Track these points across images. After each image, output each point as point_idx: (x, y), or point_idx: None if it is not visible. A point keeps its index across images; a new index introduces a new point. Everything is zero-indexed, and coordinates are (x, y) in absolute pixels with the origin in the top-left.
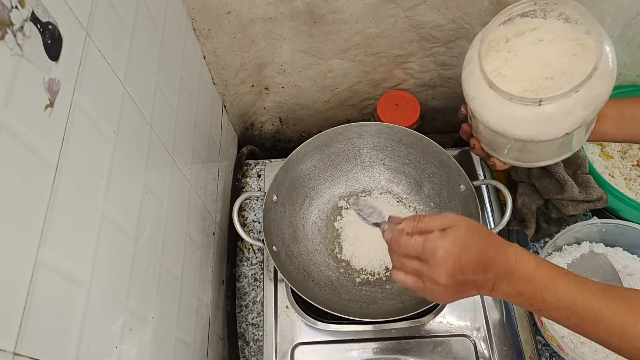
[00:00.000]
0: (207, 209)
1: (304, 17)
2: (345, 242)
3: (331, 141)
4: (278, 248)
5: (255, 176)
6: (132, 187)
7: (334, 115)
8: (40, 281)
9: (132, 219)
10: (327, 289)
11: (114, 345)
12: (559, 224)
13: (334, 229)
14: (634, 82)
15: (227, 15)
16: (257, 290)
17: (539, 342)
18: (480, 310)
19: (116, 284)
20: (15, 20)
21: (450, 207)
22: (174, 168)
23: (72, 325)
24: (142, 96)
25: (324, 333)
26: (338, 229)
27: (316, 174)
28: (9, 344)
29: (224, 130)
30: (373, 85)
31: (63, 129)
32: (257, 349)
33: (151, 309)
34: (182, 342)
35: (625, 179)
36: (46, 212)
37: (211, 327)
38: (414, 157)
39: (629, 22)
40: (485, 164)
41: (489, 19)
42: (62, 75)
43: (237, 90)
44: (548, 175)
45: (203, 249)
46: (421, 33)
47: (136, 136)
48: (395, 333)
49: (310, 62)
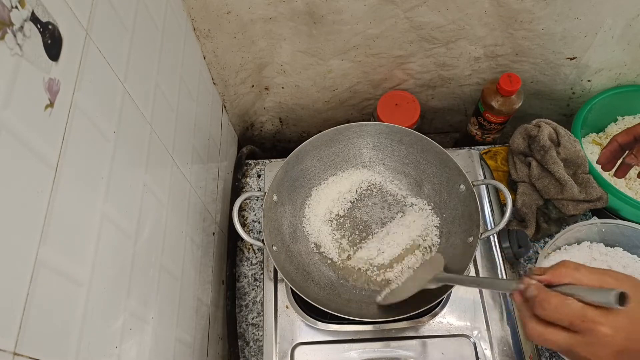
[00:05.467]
0: (207, 209)
1: (304, 18)
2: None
3: (331, 141)
4: (278, 248)
5: (255, 176)
6: (132, 187)
7: (334, 116)
8: (40, 281)
9: (132, 219)
10: (327, 289)
11: (114, 345)
12: (559, 224)
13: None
14: (634, 82)
15: (227, 15)
16: (257, 290)
17: None
18: (480, 310)
19: (116, 284)
20: (15, 20)
21: (450, 207)
22: (174, 168)
23: (72, 325)
24: (142, 96)
25: (324, 333)
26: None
27: (316, 174)
28: (9, 344)
29: (224, 130)
30: (373, 85)
31: (63, 129)
32: (257, 349)
33: (151, 309)
34: (182, 342)
35: (625, 179)
36: (46, 212)
37: (211, 327)
38: (414, 157)
39: (629, 22)
40: (486, 164)
41: (489, 20)
42: (62, 75)
43: (237, 90)
44: (548, 175)
45: (203, 249)
46: (421, 34)
47: (136, 136)
48: (395, 333)
49: (311, 62)
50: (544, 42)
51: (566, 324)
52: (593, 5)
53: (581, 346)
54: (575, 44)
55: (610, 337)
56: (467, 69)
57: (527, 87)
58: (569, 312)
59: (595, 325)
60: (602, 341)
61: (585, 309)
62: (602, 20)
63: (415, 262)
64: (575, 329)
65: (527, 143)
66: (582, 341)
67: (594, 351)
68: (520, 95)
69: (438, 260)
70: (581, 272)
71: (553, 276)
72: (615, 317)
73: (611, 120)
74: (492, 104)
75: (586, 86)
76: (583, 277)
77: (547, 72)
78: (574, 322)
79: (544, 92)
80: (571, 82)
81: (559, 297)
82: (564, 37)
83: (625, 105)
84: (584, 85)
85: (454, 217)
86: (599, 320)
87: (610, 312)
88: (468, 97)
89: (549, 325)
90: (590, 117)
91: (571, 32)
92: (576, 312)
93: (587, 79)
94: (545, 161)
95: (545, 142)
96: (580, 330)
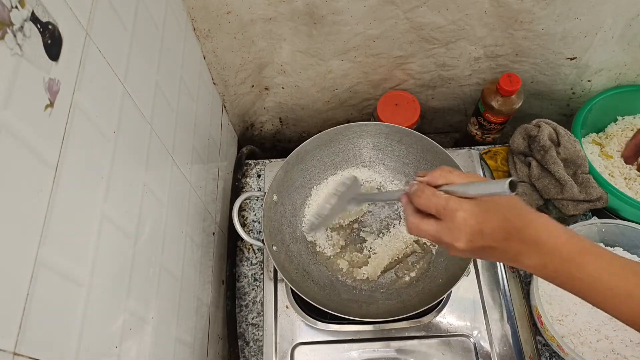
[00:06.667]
0: (207, 209)
1: (304, 18)
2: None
3: (331, 141)
4: (278, 248)
5: (255, 176)
6: (132, 187)
7: (334, 116)
8: (40, 281)
9: (132, 219)
10: (327, 288)
11: (114, 345)
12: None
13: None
14: (634, 82)
15: (227, 16)
16: (257, 290)
17: (539, 342)
18: (480, 310)
19: (116, 284)
20: (15, 20)
21: None
22: (174, 168)
23: (72, 325)
24: (142, 96)
25: (324, 333)
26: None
27: (316, 174)
28: (9, 344)
29: (224, 130)
30: (373, 85)
31: (63, 129)
32: (257, 349)
33: (151, 309)
34: (182, 342)
35: (625, 179)
36: (46, 212)
37: (211, 327)
38: (414, 157)
39: (629, 23)
40: (486, 164)
41: (489, 21)
42: (62, 75)
43: (237, 90)
44: (548, 175)
45: (203, 249)
46: (421, 34)
47: (136, 136)
48: (395, 333)
49: (310, 62)
50: (544, 42)
51: (434, 212)
52: (593, 5)
53: (445, 232)
54: (575, 44)
55: (464, 220)
56: (467, 69)
57: (527, 87)
58: (436, 201)
59: (454, 212)
60: (458, 225)
61: (448, 199)
62: (602, 20)
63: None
64: (441, 217)
65: (527, 143)
66: (445, 227)
67: (453, 235)
68: (520, 95)
69: (355, 181)
70: (454, 174)
71: (431, 177)
72: (470, 205)
73: (611, 120)
74: (492, 104)
75: (586, 86)
76: (455, 177)
77: (547, 72)
78: (439, 209)
79: (544, 92)
80: (571, 82)
81: (431, 189)
82: (564, 37)
83: (625, 105)
84: (584, 85)
85: None
86: (457, 207)
87: (467, 201)
88: (468, 97)
89: (424, 217)
90: (590, 117)
91: (571, 32)
92: (441, 201)
93: (587, 79)
94: (545, 161)
95: (545, 142)
96: (444, 217)
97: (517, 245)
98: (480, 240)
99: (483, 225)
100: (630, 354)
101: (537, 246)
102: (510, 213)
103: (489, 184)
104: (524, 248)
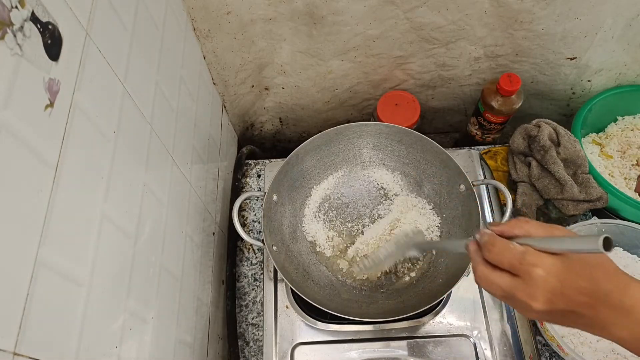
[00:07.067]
0: (207, 209)
1: (304, 18)
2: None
3: (331, 141)
4: (278, 248)
5: (255, 176)
6: (132, 187)
7: (334, 116)
8: (40, 281)
9: (132, 219)
10: (327, 289)
11: (114, 345)
12: (559, 224)
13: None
14: (634, 82)
15: (227, 16)
16: (257, 290)
17: (539, 342)
18: (480, 310)
19: (116, 284)
20: (15, 20)
21: (450, 207)
22: (174, 168)
23: (72, 325)
24: (142, 96)
25: (324, 333)
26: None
27: (316, 174)
28: (9, 344)
29: (224, 130)
30: (373, 85)
31: (63, 129)
32: (257, 349)
33: (151, 309)
34: (182, 342)
35: (624, 179)
36: (46, 212)
37: (211, 327)
38: (414, 157)
39: (629, 23)
40: (486, 164)
41: (489, 21)
42: (62, 75)
43: (237, 90)
44: (548, 175)
45: (203, 249)
46: (421, 34)
47: (136, 136)
48: (395, 333)
49: (310, 63)
50: (544, 42)
51: (507, 266)
52: (593, 6)
53: (520, 289)
54: (575, 44)
55: (544, 278)
56: (467, 69)
57: (527, 87)
58: (510, 255)
59: (532, 267)
60: (536, 282)
61: (525, 253)
62: (602, 20)
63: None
64: (515, 272)
65: (527, 143)
66: (520, 283)
67: (530, 292)
68: (520, 95)
69: (419, 234)
70: (530, 224)
71: (505, 227)
72: (551, 261)
73: (611, 120)
74: (492, 104)
75: (586, 86)
76: (533, 228)
77: (547, 72)
78: (513, 264)
79: (544, 92)
80: (571, 82)
81: (504, 241)
82: (564, 37)
83: (625, 105)
84: (584, 85)
85: (454, 217)
86: (535, 262)
87: (548, 257)
88: (468, 97)
89: (495, 270)
90: (590, 117)
91: (571, 32)
92: (516, 255)
93: (587, 79)
94: (545, 161)
95: (545, 142)
96: (520, 273)
97: (606, 313)
98: (561, 302)
99: (566, 285)
100: (631, 354)
101: (632, 315)
102: (600, 274)
103: (578, 239)
104: (615, 317)
